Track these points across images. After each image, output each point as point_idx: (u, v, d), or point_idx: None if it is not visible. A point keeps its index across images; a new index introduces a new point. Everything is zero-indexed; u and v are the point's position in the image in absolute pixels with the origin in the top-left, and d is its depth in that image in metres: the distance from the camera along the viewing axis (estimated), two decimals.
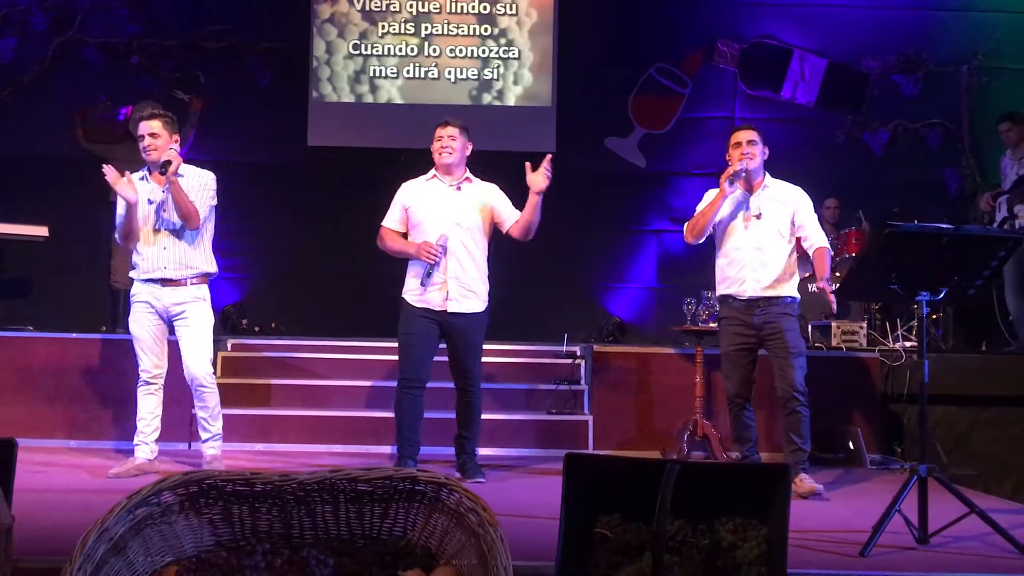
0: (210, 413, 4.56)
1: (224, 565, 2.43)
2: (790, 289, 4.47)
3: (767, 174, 4.57)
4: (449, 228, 4.47)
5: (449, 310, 4.45)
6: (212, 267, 4.63)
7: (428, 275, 4.42)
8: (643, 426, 5.54)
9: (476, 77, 8.65)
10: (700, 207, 4.62)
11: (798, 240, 4.57)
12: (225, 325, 7.79)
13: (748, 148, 4.45)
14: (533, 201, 4.43)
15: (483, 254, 4.61)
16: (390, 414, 5.43)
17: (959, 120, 8.67)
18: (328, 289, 8.17)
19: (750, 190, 4.53)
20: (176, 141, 4.58)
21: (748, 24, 8.76)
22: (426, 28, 8.66)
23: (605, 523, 2.44)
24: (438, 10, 8.65)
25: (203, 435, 4.60)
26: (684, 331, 5.35)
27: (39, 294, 7.89)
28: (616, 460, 3.28)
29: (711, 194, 4.60)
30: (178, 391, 4.77)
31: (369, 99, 8.69)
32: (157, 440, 4.58)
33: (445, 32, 8.68)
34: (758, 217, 4.46)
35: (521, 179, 4.47)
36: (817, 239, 4.52)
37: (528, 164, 4.45)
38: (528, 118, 8.66)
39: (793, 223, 4.50)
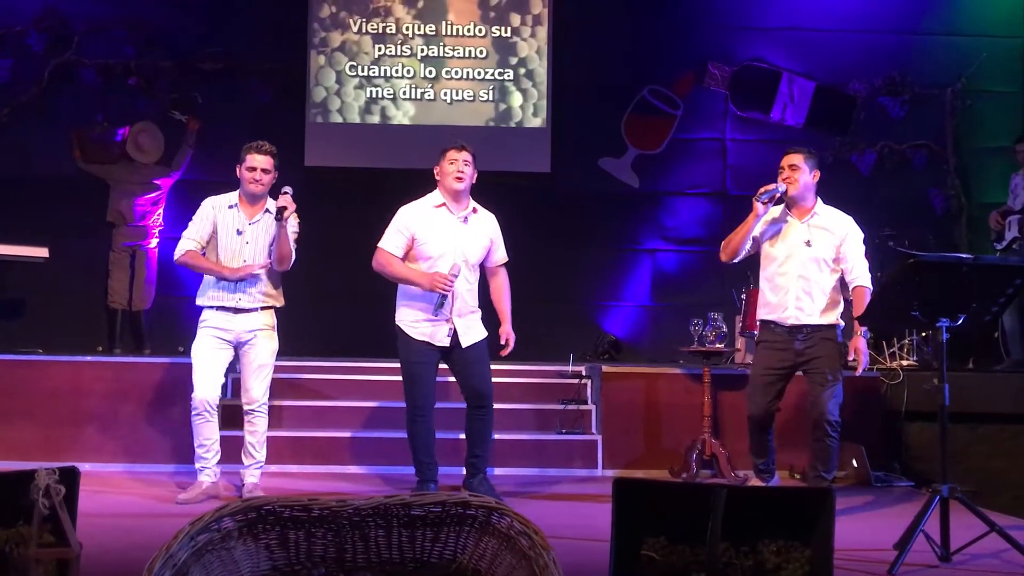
0: (258, 439, 4.65)
1: None
2: (834, 317, 4.42)
3: (819, 200, 4.53)
4: (460, 261, 4.48)
5: (462, 345, 4.51)
6: (281, 302, 4.77)
7: (440, 306, 4.40)
8: (652, 445, 5.63)
9: (472, 98, 8.74)
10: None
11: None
12: None
13: (788, 172, 4.43)
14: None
15: (477, 282, 4.68)
16: (396, 434, 5.53)
17: (944, 141, 8.84)
18: (327, 309, 8.20)
19: (799, 216, 4.48)
20: (275, 178, 4.68)
21: (738, 47, 8.92)
22: (422, 50, 8.74)
23: (651, 545, 2.52)
24: (433, 32, 8.75)
25: (247, 460, 4.67)
26: (692, 352, 5.44)
27: (35, 315, 7.86)
28: (662, 484, 3.37)
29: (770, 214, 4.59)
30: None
31: (365, 120, 8.75)
32: (218, 463, 4.67)
33: (441, 54, 8.77)
34: (808, 244, 4.41)
35: (516, 199, 4.59)
36: (859, 276, 4.44)
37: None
38: (523, 139, 8.75)
39: (838, 253, 4.45)
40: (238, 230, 4.62)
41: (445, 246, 4.51)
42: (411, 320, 4.53)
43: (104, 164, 8.15)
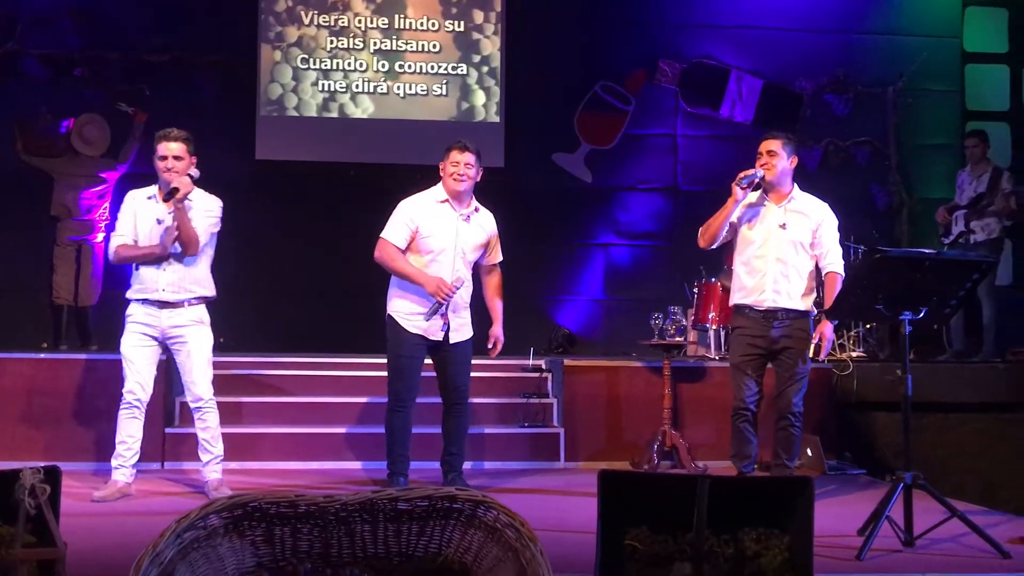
0: (212, 434, 4.57)
1: None
2: (809, 303, 4.44)
3: (796, 186, 4.57)
4: (455, 260, 4.54)
5: (451, 341, 4.56)
6: (211, 291, 4.65)
7: (435, 312, 4.44)
8: (613, 437, 5.71)
9: (425, 92, 8.72)
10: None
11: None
12: None
13: (767, 158, 4.44)
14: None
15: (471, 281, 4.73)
16: (364, 429, 5.54)
17: (886, 138, 9.05)
18: (279, 303, 8.13)
19: (776, 201, 4.50)
20: (194, 163, 4.57)
21: (688, 45, 9.03)
22: (375, 43, 8.70)
23: (634, 536, 2.57)
24: (387, 25, 8.71)
25: (204, 457, 4.59)
26: (652, 345, 5.52)
27: None
28: (645, 476, 3.43)
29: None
30: (148, 412, 4.72)
31: (318, 113, 8.68)
32: (134, 464, 4.56)
33: (394, 48, 8.73)
34: (783, 227, 4.41)
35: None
36: (833, 262, 4.49)
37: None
38: (477, 134, 8.73)
39: (814, 237, 4.48)
40: (158, 219, 4.53)
41: (446, 242, 4.55)
42: (406, 312, 4.55)
43: (48, 157, 7.94)
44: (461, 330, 4.61)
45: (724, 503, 2.54)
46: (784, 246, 4.42)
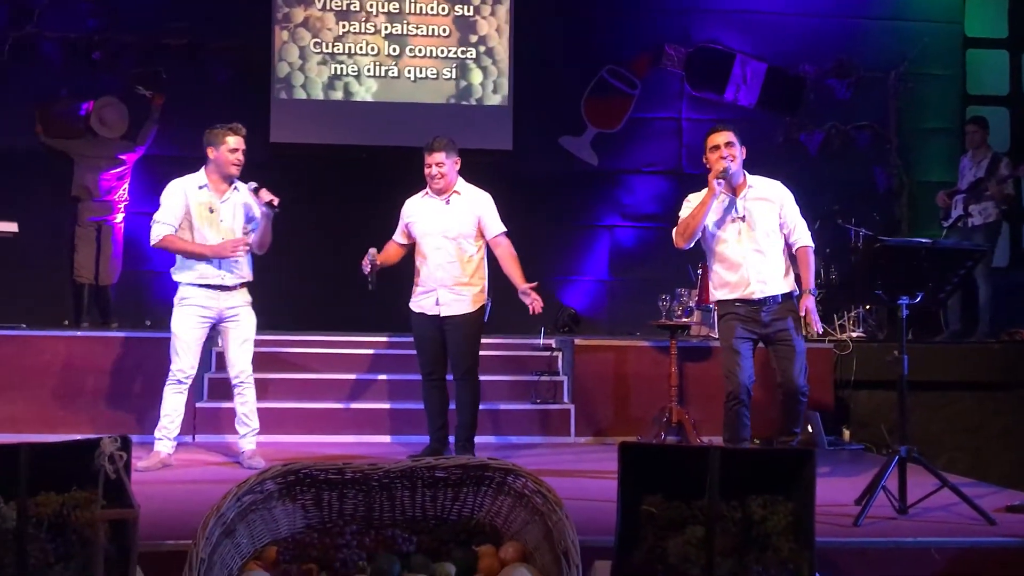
0: (249, 408, 4.85)
1: (318, 544, 2.73)
2: (790, 283, 4.47)
3: (746, 174, 4.55)
4: (437, 239, 4.94)
5: (441, 314, 4.88)
6: (251, 275, 4.99)
7: (369, 276, 4.96)
8: (621, 413, 5.95)
9: (435, 76, 8.88)
10: (686, 211, 4.56)
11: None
12: None
13: (727, 151, 4.41)
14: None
15: (474, 258, 4.97)
16: (383, 405, 5.80)
17: (887, 122, 9.20)
18: (297, 283, 8.33)
19: (734, 192, 4.49)
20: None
21: (694, 29, 9.18)
22: (386, 27, 8.85)
23: (650, 502, 2.80)
24: (397, 10, 8.86)
25: (241, 429, 4.86)
26: (660, 325, 5.74)
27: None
28: (660, 447, 3.68)
29: (694, 198, 4.57)
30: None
31: (330, 96, 8.85)
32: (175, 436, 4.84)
33: (405, 32, 8.88)
34: (743, 219, 4.43)
35: (478, 177, 5.07)
36: (801, 236, 4.51)
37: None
38: (486, 117, 8.94)
39: (780, 218, 4.50)
40: (210, 208, 4.80)
41: (428, 226, 5.01)
42: (414, 294, 5.04)
43: (68, 139, 8.11)
44: (452, 305, 4.91)
45: (733, 472, 2.76)
46: (754, 237, 4.44)
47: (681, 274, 7.79)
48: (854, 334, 6.59)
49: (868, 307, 7.66)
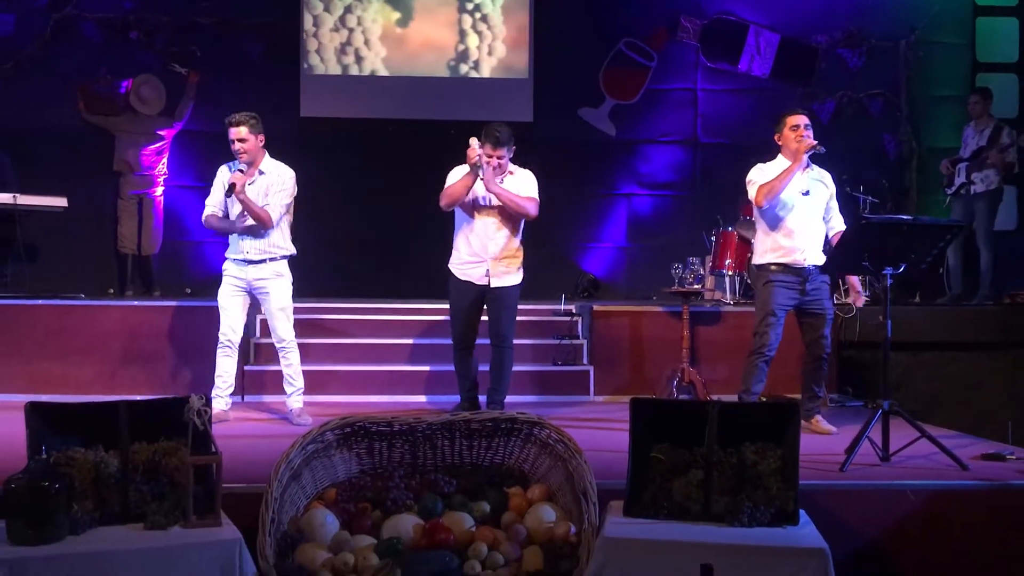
0: (294, 370, 5.28)
1: (372, 487, 3.18)
2: (823, 258, 4.98)
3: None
4: (493, 214, 5.18)
5: (491, 285, 5.18)
6: (289, 250, 5.35)
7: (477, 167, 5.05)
8: (636, 374, 6.37)
9: (456, 49, 9.19)
10: (761, 177, 4.96)
11: None
12: None
13: (806, 132, 4.94)
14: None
15: (519, 233, 5.30)
16: (417, 367, 6.23)
17: (898, 91, 9.39)
18: (328, 252, 8.72)
19: (801, 170, 4.97)
20: (262, 140, 5.18)
21: (709, 1, 9.41)
22: (413, 2, 9.14)
23: (659, 450, 3.22)
24: None
25: (288, 389, 5.30)
26: (673, 292, 6.13)
27: (49, 260, 8.27)
28: (668, 402, 4.10)
29: (766, 167, 5.02)
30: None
31: (355, 71, 9.15)
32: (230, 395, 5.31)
33: (426, 5, 9.17)
34: (807, 194, 4.95)
35: None
36: (839, 223, 5.08)
37: None
38: (506, 89, 9.25)
39: (827, 204, 5.06)
40: (224, 189, 5.20)
41: (486, 201, 5.23)
42: (458, 263, 5.27)
43: (108, 116, 8.50)
44: (502, 276, 5.22)
45: (730, 424, 3.18)
46: (813, 211, 4.98)
47: (697, 240, 8.16)
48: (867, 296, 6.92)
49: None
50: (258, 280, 5.22)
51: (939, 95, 9.39)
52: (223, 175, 5.29)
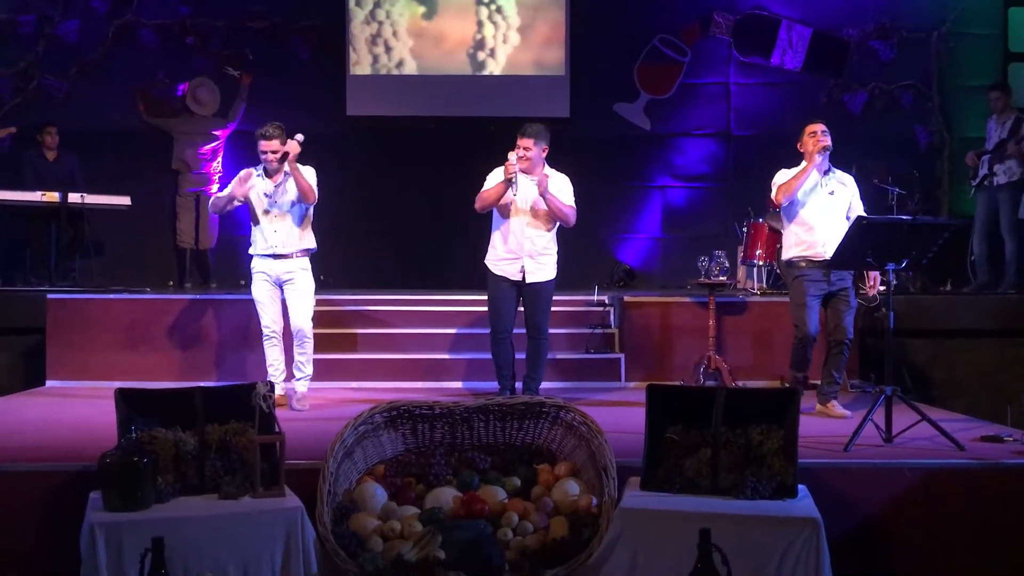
0: (307, 358, 5.68)
1: (416, 463, 3.59)
2: None
3: (830, 163, 5.44)
4: (528, 213, 5.52)
5: (527, 281, 5.52)
6: (312, 244, 5.73)
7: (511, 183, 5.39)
8: (665, 361, 6.70)
9: (493, 48, 9.49)
10: (784, 178, 5.36)
11: None
12: None
13: (823, 137, 5.30)
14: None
15: (553, 230, 5.63)
16: (457, 356, 6.61)
17: (929, 82, 9.49)
18: (374, 246, 9.16)
19: (820, 172, 5.36)
20: (290, 143, 5.57)
21: None
22: (454, 2, 9.43)
23: (673, 431, 3.58)
24: None
25: (297, 374, 5.68)
26: (700, 284, 6.45)
27: (113, 255, 8.79)
28: (680, 388, 4.44)
29: (788, 171, 5.41)
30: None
31: (397, 71, 9.48)
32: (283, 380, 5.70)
33: (461, 4, 9.45)
34: (831, 194, 5.33)
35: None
36: None
37: None
38: (544, 86, 9.55)
39: (849, 205, 5.37)
40: (265, 193, 5.57)
41: (522, 201, 5.55)
42: (494, 259, 5.62)
43: (167, 118, 8.98)
44: (536, 272, 5.56)
45: (738, 407, 3.53)
46: (834, 209, 5.33)
47: (729, 231, 8.42)
48: (881, 288, 7.15)
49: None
50: (286, 273, 5.58)
51: (970, 86, 9.39)
52: (245, 176, 5.59)
